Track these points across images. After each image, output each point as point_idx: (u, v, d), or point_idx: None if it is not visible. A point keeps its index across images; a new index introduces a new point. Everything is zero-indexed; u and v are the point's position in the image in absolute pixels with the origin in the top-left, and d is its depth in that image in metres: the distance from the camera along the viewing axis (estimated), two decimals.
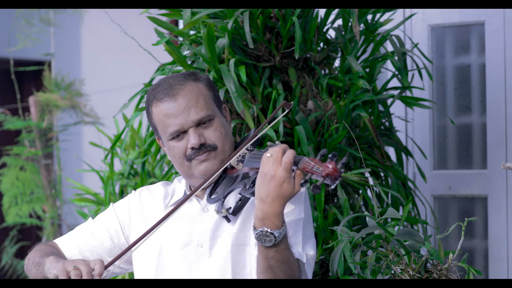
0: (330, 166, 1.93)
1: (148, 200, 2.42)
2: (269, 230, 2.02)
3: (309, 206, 2.29)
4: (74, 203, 4.01)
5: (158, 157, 3.38)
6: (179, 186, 2.42)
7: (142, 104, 3.25)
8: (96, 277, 2.13)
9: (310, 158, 1.98)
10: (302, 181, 1.97)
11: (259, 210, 2.02)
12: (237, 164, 2.22)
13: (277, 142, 2.20)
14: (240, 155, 2.22)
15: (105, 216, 2.45)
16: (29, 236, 6.28)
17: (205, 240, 2.27)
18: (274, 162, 1.99)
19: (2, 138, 6.13)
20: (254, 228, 2.04)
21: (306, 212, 2.25)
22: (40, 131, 5.52)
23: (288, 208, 2.19)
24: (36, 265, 2.31)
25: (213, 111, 2.27)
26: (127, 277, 3.34)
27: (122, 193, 3.64)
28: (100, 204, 3.59)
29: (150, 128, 3.32)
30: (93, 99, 5.65)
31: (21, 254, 6.03)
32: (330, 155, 1.94)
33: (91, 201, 3.64)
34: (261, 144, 3.01)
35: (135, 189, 2.55)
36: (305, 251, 2.19)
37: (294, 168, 2.00)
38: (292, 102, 2.70)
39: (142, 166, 3.38)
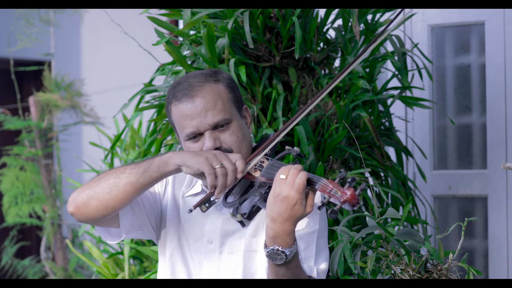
0: (349, 193, 1.92)
1: (181, 184, 2.38)
2: (280, 249, 2.03)
3: (325, 216, 2.27)
4: None
5: None
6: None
7: (142, 104, 3.25)
8: (239, 175, 2.12)
9: (329, 181, 1.97)
10: (320, 204, 1.97)
11: (271, 229, 2.03)
12: (254, 172, 2.19)
13: (295, 148, 2.19)
14: (257, 163, 2.19)
15: None
16: (29, 236, 6.28)
17: (215, 237, 2.27)
18: (288, 183, 2.00)
19: (2, 138, 6.14)
20: (265, 246, 2.05)
21: (321, 223, 2.23)
22: (40, 131, 5.52)
23: (303, 220, 2.18)
24: (121, 171, 2.17)
25: (231, 114, 2.24)
26: (127, 276, 3.33)
27: None
28: None
29: (150, 128, 3.32)
30: (93, 99, 5.65)
31: (21, 254, 6.03)
32: (349, 180, 1.94)
33: None
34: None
35: None
36: (316, 265, 2.19)
37: (307, 188, 2.00)
38: None
39: None
